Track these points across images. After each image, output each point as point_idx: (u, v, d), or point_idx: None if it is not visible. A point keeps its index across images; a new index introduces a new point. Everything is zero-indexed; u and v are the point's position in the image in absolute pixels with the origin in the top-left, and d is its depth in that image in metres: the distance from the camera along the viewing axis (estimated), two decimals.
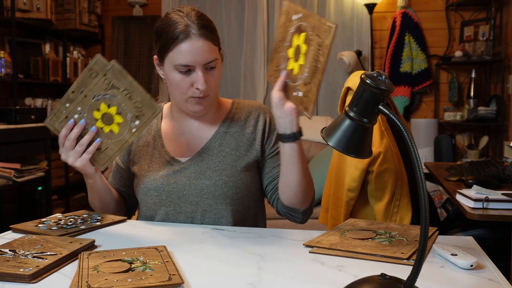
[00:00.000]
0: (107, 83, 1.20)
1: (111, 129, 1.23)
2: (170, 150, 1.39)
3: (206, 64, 1.25)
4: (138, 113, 1.21)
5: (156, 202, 1.35)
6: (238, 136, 1.38)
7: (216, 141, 1.37)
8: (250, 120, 1.40)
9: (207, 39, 1.25)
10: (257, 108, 1.43)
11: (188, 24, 1.24)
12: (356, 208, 1.72)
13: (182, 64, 1.25)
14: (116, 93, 1.21)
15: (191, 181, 1.33)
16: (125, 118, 1.22)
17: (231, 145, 1.37)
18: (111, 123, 1.23)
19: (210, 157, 1.35)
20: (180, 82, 1.27)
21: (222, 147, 1.36)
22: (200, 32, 1.24)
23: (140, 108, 1.21)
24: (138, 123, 1.22)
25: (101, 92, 1.21)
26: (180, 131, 1.40)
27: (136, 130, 1.22)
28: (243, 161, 1.36)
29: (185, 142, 1.39)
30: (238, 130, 1.39)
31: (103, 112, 1.22)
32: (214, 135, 1.38)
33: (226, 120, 1.40)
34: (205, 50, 1.24)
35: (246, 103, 1.44)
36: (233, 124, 1.39)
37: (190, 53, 1.24)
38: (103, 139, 1.24)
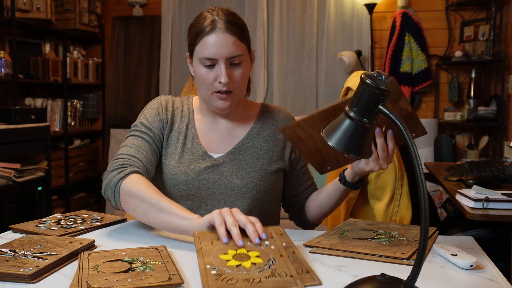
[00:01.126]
0: None
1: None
2: (202, 141, 1.36)
3: (230, 58, 1.25)
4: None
5: (183, 195, 1.33)
6: (270, 140, 1.38)
7: (249, 142, 1.36)
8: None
9: (232, 34, 1.24)
10: (288, 116, 1.43)
11: (215, 19, 1.25)
12: (356, 208, 1.72)
13: (206, 57, 1.25)
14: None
15: (222, 179, 1.32)
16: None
17: (264, 148, 1.37)
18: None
19: (243, 157, 1.34)
20: (204, 76, 1.27)
21: (254, 149, 1.36)
22: (225, 26, 1.25)
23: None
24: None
25: None
26: (210, 126, 1.38)
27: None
28: (274, 166, 1.36)
29: (216, 138, 1.37)
30: (270, 134, 1.39)
31: None
32: (247, 135, 1.37)
33: (258, 121, 1.40)
34: (229, 44, 1.24)
35: (276, 109, 1.44)
36: (265, 127, 1.39)
37: (214, 46, 1.24)
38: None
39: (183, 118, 1.39)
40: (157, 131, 1.35)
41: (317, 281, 0.87)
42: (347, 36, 4.06)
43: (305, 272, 0.89)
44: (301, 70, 4.12)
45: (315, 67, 4.08)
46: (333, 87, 4.07)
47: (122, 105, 4.37)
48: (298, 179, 1.44)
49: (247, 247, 0.96)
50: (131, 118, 4.31)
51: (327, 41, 4.06)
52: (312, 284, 0.86)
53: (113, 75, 4.41)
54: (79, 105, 4.24)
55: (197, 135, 1.37)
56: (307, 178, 1.45)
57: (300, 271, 0.89)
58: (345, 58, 3.82)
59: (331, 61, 4.07)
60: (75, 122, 4.22)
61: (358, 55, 3.87)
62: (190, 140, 1.36)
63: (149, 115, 1.37)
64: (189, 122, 1.38)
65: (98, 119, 4.52)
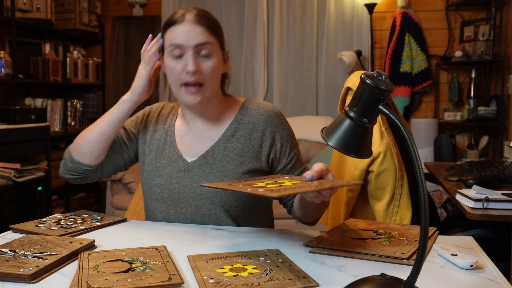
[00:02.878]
0: None
1: None
2: (180, 147, 1.37)
3: (198, 46, 1.25)
4: None
5: (159, 198, 1.35)
6: (244, 141, 1.33)
7: (221, 145, 1.34)
8: (258, 126, 1.34)
9: (199, 24, 1.26)
10: (267, 112, 1.36)
11: (185, 13, 1.28)
12: (356, 208, 1.72)
13: (173, 43, 1.26)
14: None
15: (192, 183, 1.32)
16: None
17: (236, 150, 1.32)
18: None
19: (214, 161, 1.32)
20: (173, 68, 1.28)
21: (226, 151, 1.32)
22: (194, 18, 1.26)
23: None
24: None
25: None
26: (187, 130, 1.38)
27: None
28: (246, 167, 1.32)
29: (191, 141, 1.37)
30: (245, 134, 1.34)
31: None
32: (221, 138, 1.34)
33: (234, 122, 1.35)
34: (197, 33, 1.25)
35: (258, 105, 1.38)
36: (240, 127, 1.35)
37: (182, 34, 1.26)
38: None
39: (165, 125, 1.41)
40: (129, 130, 1.43)
41: (314, 283, 0.87)
42: (347, 36, 4.06)
43: (302, 277, 0.89)
44: (301, 70, 4.11)
45: (315, 67, 4.08)
46: (333, 87, 4.07)
47: None
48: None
49: (243, 262, 0.97)
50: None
51: (327, 41, 4.06)
52: (310, 286, 0.86)
53: (113, 75, 4.41)
54: (79, 105, 4.24)
55: (175, 140, 1.38)
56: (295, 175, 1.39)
57: (297, 276, 0.90)
58: (345, 58, 3.82)
59: (331, 61, 4.07)
60: (75, 122, 4.22)
61: (358, 55, 3.87)
62: (169, 145, 1.37)
63: (132, 118, 1.46)
64: (169, 128, 1.40)
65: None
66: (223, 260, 0.99)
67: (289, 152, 1.37)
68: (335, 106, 4.00)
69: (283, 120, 1.38)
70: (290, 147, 1.37)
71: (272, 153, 1.35)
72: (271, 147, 1.35)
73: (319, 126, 3.33)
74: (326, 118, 3.87)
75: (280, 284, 0.86)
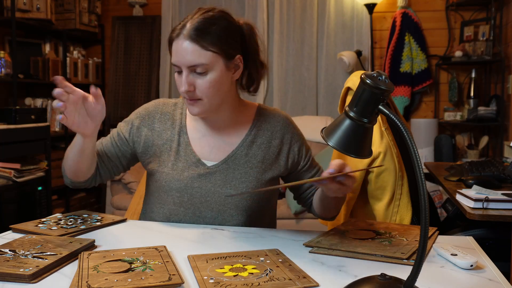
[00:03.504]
0: None
1: None
2: (196, 149, 1.35)
3: (191, 67, 1.21)
4: None
5: (177, 202, 1.33)
6: (265, 148, 1.36)
7: (243, 150, 1.34)
8: (276, 133, 1.38)
9: (193, 42, 1.20)
10: (283, 119, 1.40)
11: (185, 24, 1.23)
12: (356, 208, 1.72)
13: (172, 63, 1.26)
14: None
15: (215, 188, 1.31)
16: None
17: (258, 157, 1.34)
18: None
19: (237, 167, 1.32)
20: (176, 80, 1.28)
21: (248, 157, 1.34)
22: (188, 34, 1.21)
23: None
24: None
25: None
26: (203, 132, 1.36)
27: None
28: (268, 174, 1.35)
29: (209, 144, 1.35)
30: (265, 141, 1.36)
31: None
32: (241, 143, 1.35)
33: (253, 128, 1.37)
34: (188, 52, 1.20)
35: (272, 112, 1.41)
36: (260, 134, 1.37)
37: (176, 53, 1.23)
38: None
39: (174, 125, 1.38)
40: (123, 135, 1.40)
41: (314, 283, 0.88)
42: (347, 36, 4.06)
43: (302, 277, 0.89)
44: (301, 70, 4.11)
45: (315, 67, 4.08)
46: (333, 87, 4.07)
47: (122, 105, 4.37)
48: (305, 177, 1.42)
49: (243, 262, 0.97)
50: None
51: (327, 41, 4.06)
52: (310, 286, 0.87)
53: (113, 75, 4.41)
54: None
55: (190, 142, 1.35)
56: (313, 174, 1.42)
57: (297, 276, 0.90)
58: (345, 58, 3.81)
59: (331, 61, 4.07)
60: None
61: (358, 55, 3.87)
62: (184, 147, 1.35)
63: (127, 120, 1.42)
64: (181, 129, 1.37)
65: None
66: (223, 260, 0.99)
67: (306, 153, 1.42)
68: (335, 106, 4.00)
69: (295, 125, 1.43)
70: (306, 148, 1.43)
71: (291, 158, 1.39)
72: (289, 152, 1.38)
73: (319, 126, 3.33)
74: (326, 118, 3.87)
75: (280, 284, 0.86)
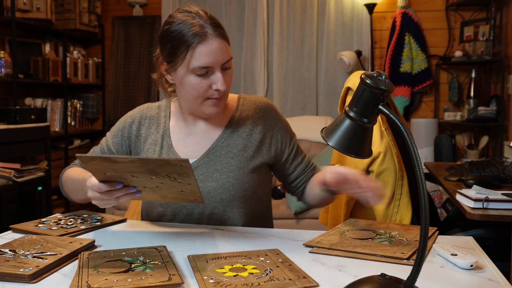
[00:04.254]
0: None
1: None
2: (178, 150, 1.35)
3: (224, 64, 1.23)
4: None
5: (163, 203, 1.33)
6: (246, 136, 1.35)
7: (223, 141, 1.34)
8: (258, 119, 1.37)
9: (223, 39, 1.23)
10: (264, 106, 1.39)
11: (202, 25, 1.20)
12: (356, 208, 1.72)
13: (201, 66, 1.20)
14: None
15: (198, 183, 1.32)
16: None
17: (239, 146, 1.34)
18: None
19: (218, 158, 1.32)
20: (197, 85, 1.23)
21: (229, 148, 1.33)
22: (216, 32, 1.21)
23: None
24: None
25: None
26: (188, 132, 1.37)
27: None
28: (251, 163, 1.33)
29: (192, 143, 1.36)
30: (246, 130, 1.35)
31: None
32: (221, 134, 1.35)
33: (233, 119, 1.36)
34: (223, 50, 1.22)
35: (253, 100, 1.40)
36: (240, 123, 1.36)
37: (209, 54, 1.20)
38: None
39: (158, 128, 1.38)
40: (116, 150, 1.41)
41: (314, 283, 0.88)
42: (347, 36, 4.06)
43: (302, 277, 0.90)
44: (301, 70, 4.11)
45: (315, 67, 4.08)
46: (333, 87, 4.07)
47: (122, 105, 4.37)
48: (283, 171, 1.41)
49: (243, 262, 0.98)
50: None
51: (327, 41, 4.06)
52: (310, 286, 0.87)
53: (113, 75, 4.41)
54: (79, 105, 4.24)
55: (172, 144, 1.36)
56: (293, 169, 1.41)
57: (297, 276, 0.90)
58: (345, 58, 3.81)
59: (331, 61, 4.07)
60: (75, 122, 4.22)
61: (358, 55, 3.87)
62: (166, 150, 1.35)
63: (115, 131, 1.43)
64: (165, 132, 1.37)
65: (98, 119, 4.52)
66: (223, 260, 0.99)
67: (290, 141, 1.40)
68: (335, 106, 4.00)
69: (277, 112, 1.42)
70: (290, 136, 1.41)
71: (274, 144, 1.38)
72: (272, 139, 1.37)
73: (319, 126, 3.33)
74: (326, 118, 3.87)
75: (280, 284, 0.86)
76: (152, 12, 4.40)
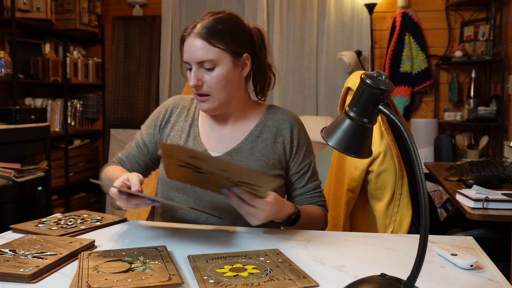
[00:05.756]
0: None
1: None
2: (204, 142, 1.39)
3: (200, 63, 1.27)
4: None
5: (180, 189, 1.36)
6: (269, 143, 1.38)
7: (247, 144, 1.37)
8: (283, 130, 1.40)
9: (202, 39, 1.27)
10: (291, 118, 1.42)
11: (195, 25, 1.29)
12: (356, 208, 1.72)
13: (184, 60, 1.31)
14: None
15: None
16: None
17: (261, 151, 1.37)
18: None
19: (240, 158, 1.35)
20: (188, 78, 1.33)
21: (252, 151, 1.36)
22: (198, 31, 1.27)
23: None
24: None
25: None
26: (211, 128, 1.41)
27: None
28: (271, 171, 1.36)
29: (216, 139, 1.39)
30: (270, 137, 1.39)
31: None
32: (247, 137, 1.38)
33: (259, 124, 1.40)
34: (197, 48, 1.27)
35: (281, 111, 1.44)
36: (265, 130, 1.40)
37: (188, 51, 1.29)
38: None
39: (187, 118, 1.44)
40: (149, 141, 1.46)
41: (314, 283, 0.88)
42: (347, 36, 4.06)
43: (302, 277, 0.90)
44: (301, 70, 4.11)
45: (315, 67, 4.08)
46: (333, 87, 4.07)
47: (122, 105, 4.37)
48: (296, 185, 1.42)
49: (243, 262, 0.98)
50: (131, 118, 4.31)
51: (327, 41, 4.06)
52: (310, 286, 0.87)
53: (113, 75, 4.41)
54: (79, 105, 4.24)
55: (199, 134, 1.41)
56: (304, 184, 1.42)
57: (297, 276, 0.90)
58: (345, 58, 3.81)
59: (331, 61, 4.07)
60: (75, 122, 4.22)
61: (358, 55, 3.87)
62: (192, 138, 1.40)
63: (149, 122, 1.48)
64: (193, 121, 1.43)
65: (98, 119, 4.52)
66: (223, 260, 0.99)
67: (302, 161, 1.41)
68: (335, 106, 4.00)
69: (303, 128, 1.44)
70: (303, 156, 1.41)
71: (287, 156, 1.40)
72: (291, 149, 1.40)
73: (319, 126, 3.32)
74: (326, 118, 3.87)
75: (280, 284, 0.86)
76: (152, 12, 4.40)
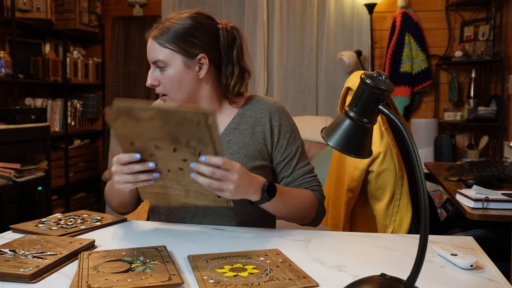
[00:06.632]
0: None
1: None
2: None
3: (154, 63, 1.32)
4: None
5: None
6: (247, 134, 1.35)
7: (224, 138, 1.35)
8: (261, 119, 1.36)
9: (154, 40, 1.31)
10: (270, 106, 1.38)
11: (155, 25, 1.34)
12: (356, 208, 1.72)
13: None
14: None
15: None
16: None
17: (239, 143, 1.34)
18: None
19: None
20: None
21: (230, 144, 1.34)
22: (153, 32, 1.32)
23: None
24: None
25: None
26: None
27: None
28: (251, 162, 1.32)
29: None
30: (248, 128, 1.36)
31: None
32: (224, 131, 1.36)
33: (236, 116, 1.37)
34: (151, 49, 1.32)
35: (260, 99, 1.40)
36: (243, 121, 1.37)
37: (147, 51, 1.34)
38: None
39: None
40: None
41: (314, 283, 0.88)
42: (347, 36, 4.06)
43: (302, 277, 0.90)
44: (301, 70, 4.11)
45: (315, 67, 4.08)
46: (333, 87, 4.07)
47: None
48: (281, 175, 1.38)
49: (243, 262, 0.98)
50: None
51: (327, 41, 4.06)
52: (310, 286, 0.87)
53: (113, 75, 4.41)
54: (79, 105, 4.24)
55: None
56: (291, 172, 1.37)
57: (297, 276, 0.90)
58: (345, 58, 3.82)
59: (331, 61, 4.07)
60: (75, 122, 4.22)
61: (358, 55, 3.87)
62: None
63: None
64: None
65: (98, 119, 4.52)
66: (223, 260, 0.99)
67: (285, 149, 1.37)
68: (335, 106, 4.00)
69: (284, 115, 1.39)
70: (287, 144, 1.37)
71: (269, 146, 1.36)
72: (266, 140, 1.36)
73: (319, 126, 3.32)
74: (326, 118, 3.87)
75: (280, 284, 0.86)
76: (152, 12, 4.40)
